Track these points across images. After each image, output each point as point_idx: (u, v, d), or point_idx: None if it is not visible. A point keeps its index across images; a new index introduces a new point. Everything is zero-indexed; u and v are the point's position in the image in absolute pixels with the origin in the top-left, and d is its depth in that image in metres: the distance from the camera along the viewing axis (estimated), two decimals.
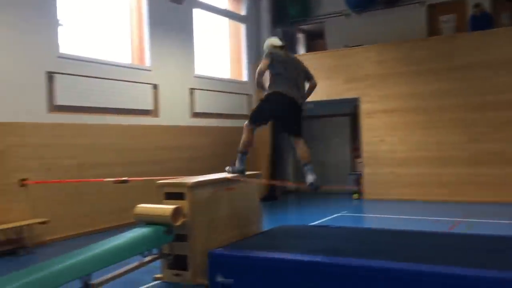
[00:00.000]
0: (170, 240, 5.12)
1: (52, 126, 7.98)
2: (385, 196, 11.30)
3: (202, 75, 11.51)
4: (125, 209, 8.71)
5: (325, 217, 9.32)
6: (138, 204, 5.42)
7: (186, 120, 10.93)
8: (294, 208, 12.24)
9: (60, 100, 8.14)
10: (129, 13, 9.96)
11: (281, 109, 5.57)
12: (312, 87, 6.04)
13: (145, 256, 5.14)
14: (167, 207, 5.11)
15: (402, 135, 11.43)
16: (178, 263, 5.31)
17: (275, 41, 5.89)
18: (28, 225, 7.30)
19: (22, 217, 7.39)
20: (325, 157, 13.57)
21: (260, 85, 5.73)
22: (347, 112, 13.07)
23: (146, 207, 5.27)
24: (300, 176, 13.06)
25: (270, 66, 5.63)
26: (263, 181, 11.93)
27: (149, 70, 9.97)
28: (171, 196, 5.39)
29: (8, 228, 7.11)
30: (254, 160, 12.91)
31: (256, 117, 5.84)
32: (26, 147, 7.58)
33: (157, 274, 5.52)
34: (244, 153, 5.86)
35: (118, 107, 9.18)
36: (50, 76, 8.07)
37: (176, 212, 5.07)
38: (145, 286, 5.37)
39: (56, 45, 8.24)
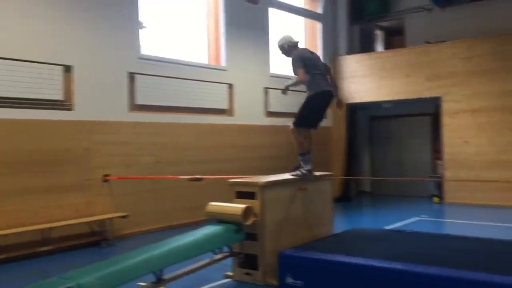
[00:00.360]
0: (240, 239, 5.15)
1: (132, 125, 8.35)
2: (469, 200, 10.64)
3: (277, 74, 11.50)
4: (199, 207, 8.91)
5: (402, 220, 8.95)
6: (211, 202, 5.51)
7: (260, 119, 10.98)
8: (369, 210, 11.90)
9: (140, 100, 8.50)
10: (206, 14, 10.18)
11: (327, 105, 5.93)
12: (334, 78, 6.45)
13: (216, 254, 5.22)
14: (238, 206, 5.15)
15: (489, 136, 10.71)
16: (248, 262, 5.34)
17: (292, 37, 5.97)
18: (110, 218, 7.68)
19: (105, 211, 7.79)
20: (402, 157, 13.07)
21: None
22: (428, 111, 12.47)
23: (217, 205, 5.34)
24: (378, 175, 12.79)
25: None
26: (336, 181, 11.75)
27: (225, 70, 10.12)
28: (242, 195, 5.43)
29: (92, 221, 7.53)
30: (328, 160, 12.73)
31: (310, 121, 5.90)
32: (108, 145, 7.98)
33: (228, 272, 5.58)
34: (307, 153, 5.84)
35: (194, 106, 9.41)
36: (132, 76, 8.44)
37: (247, 211, 5.08)
38: (216, 283, 5.43)
39: (138, 47, 8.60)
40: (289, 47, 5.87)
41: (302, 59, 5.71)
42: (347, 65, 12.93)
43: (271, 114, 11.23)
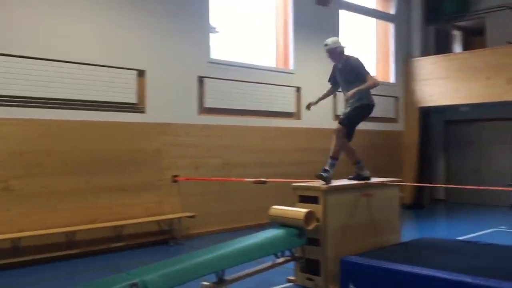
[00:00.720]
0: (302, 243, 5.10)
1: (201, 127, 8.56)
2: None
3: None
4: (265, 209, 8.95)
5: (478, 231, 8.45)
6: (275, 205, 5.51)
7: (328, 123, 10.80)
8: (442, 219, 11.36)
9: (208, 103, 8.69)
10: (275, 17, 10.22)
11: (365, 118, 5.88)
12: None
13: (278, 257, 5.21)
14: (300, 211, 5.10)
15: None
16: (310, 267, 5.28)
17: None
18: (178, 218, 7.92)
19: (173, 210, 8.05)
20: (481, 164, 12.36)
21: None
22: (510, 116, 11.69)
23: (279, 209, 5.33)
24: (453, 182, 12.17)
25: None
26: (408, 187, 11.33)
27: (293, 73, 10.11)
28: (305, 199, 5.38)
29: (161, 220, 7.81)
30: (399, 165, 12.31)
31: (353, 131, 5.79)
32: (178, 146, 8.24)
33: (290, 276, 5.55)
34: (337, 158, 5.70)
35: (262, 110, 9.48)
36: (201, 80, 8.66)
37: (309, 216, 5.03)
38: (278, 286, 5.42)
39: (207, 51, 8.81)
40: (340, 52, 5.66)
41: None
42: (421, 67, 12.44)
43: (339, 118, 11.04)
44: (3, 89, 6.48)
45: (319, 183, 5.49)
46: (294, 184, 5.63)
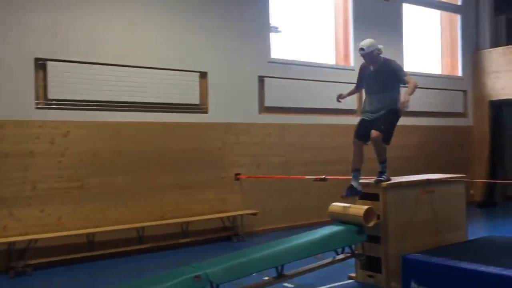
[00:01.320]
0: (362, 240, 5.09)
1: (262, 126, 8.71)
2: None
3: (411, 71, 11.03)
4: (325, 207, 8.95)
5: None
6: (335, 202, 5.53)
7: None
8: None
9: (269, 102, 8.83)
10: (334, 14, 10.17)
11: None
12: None
13: (338, 254, 5.24)
14: (360, 208, 5.10)
15: None
16: (371, 264, 5.25)
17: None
18: (241, 215, 8.12)
19: (236, 208, 8.27)
20: None
21: None
22: None
23: (339, 206, 5.34)
24: None
25: None
26: (479, 184, 10.86)
27: (353, 70, 9.98)
28: (365, 196, 5.36)
29: (225, 217, 8.04)
30: (468, 161, 11.84)
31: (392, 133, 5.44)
32: (240, 145, 8.44)
33: (351, 273, 5.56)
34: (386, 159, 5.45)
35: (322, 107, 9.47)
36: (261, 80, 8.81)
37: (369, 213, 5.01)
38: (339, 283, 5.45)
39: (268, 51, 8.95)
40: (378, 55, 5.29)
41: None
42: (491, 59, 11.88)
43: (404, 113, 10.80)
44: (79, 94, 6.97)
45: None
46: None
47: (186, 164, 7.85)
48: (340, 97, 5.78)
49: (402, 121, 11.01)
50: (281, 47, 9.33)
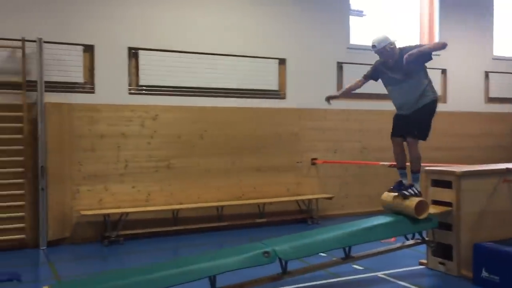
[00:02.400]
0: (432, 227, 5.08)
1: (339, 112, 8.76)
2: None
3: (502, 56, 10.48)
4: None
5: None
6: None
7: (479, 106, 10.21)
8: None
9: None
10: None
11: None
12: None
13: (408, 240, 5.28)
14: (413, 200, 4.95)
15: None
16: (442, 251, 5.24)
17: (389, 37, 5.03)
18: (316, 199, 8.31)
19: (312, 191, 8.47)
20: None
21: None
22: None
23: (390, 196, 5.23)
24: None
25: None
26: None
27: (438, 55, 9.66)
28: (438, 183, 5.33)
29: (300, 200, 8.28)
30: None
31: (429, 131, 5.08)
32: (317, 130, 8.60)
33: (422, 259, 5.57)
34: (420, 170, 5.14)
35: None
36: (340, 66, 8.87)
37: (420, 206, 4.90)
38: (410, 268, 5.49)
39: (347, 37, 8.97)
40: (392, 49, 4.94)
41: None
42: None
43: (492, 100, 10.32)
44: (166, 81, 7.51)
45: (454, 167, 5.37)
46: (427, 168, 5.59)
47: (264, 148, 8.17)
48: (330, 98, 5.52)
49: (488, 108, 10.59)
50: (362, 32, 9.29)
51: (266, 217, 7.95)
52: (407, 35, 9.79)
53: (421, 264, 5.56)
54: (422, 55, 4.77)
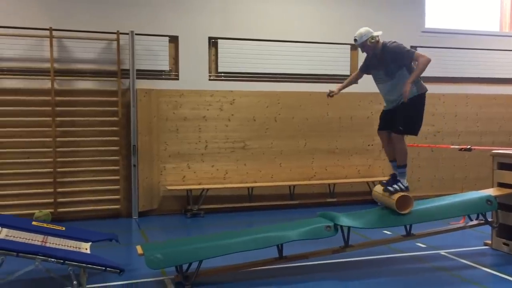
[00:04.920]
0: (493, 209, 5.19)
1: None
2: None
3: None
4: (476, 177, 8.90)
5: None
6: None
7: None
8: None
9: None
10: None
11: None
12: None
13: (471, 220, 5.43)
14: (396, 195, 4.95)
15: None
16: (507, 232, 5.33)
17: (372, 31, 4.91)
18: (379, 181, 8.48)
19: (382, 174, 8.65)
20: None
21: None
22: None
23: (380, 188, 5.26)
24: None
25: None
26: None
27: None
28: (505, 166, 5.40)
29: (371, 182, 8.51)
30: None
31: (420, 125, 5.02)
32: None
33: (487, 240, 5.69)
34: (406, 165, 5.08)
35: (482, 77, 9.18)
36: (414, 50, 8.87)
37: (402, 201, 4.91)
38: (473, 248, 5.63)
39: (422, 21, 8.95)
40: (374, 43, 4.88)
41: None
42: None
43: None
44: (242, 67, 8.05)
45: None
46: (494, 151, 5.66)
47: (335, 131, 8.49)
48: (330, 94, 5.48)
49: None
50: (436, 16, 9.21)
51: (337, 197, 8.31)
52: (487, 16, 9.54)
53: (485, 244, 5.67)
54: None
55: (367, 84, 8.59)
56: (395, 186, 4.99)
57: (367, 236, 5.58)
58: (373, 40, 4.85)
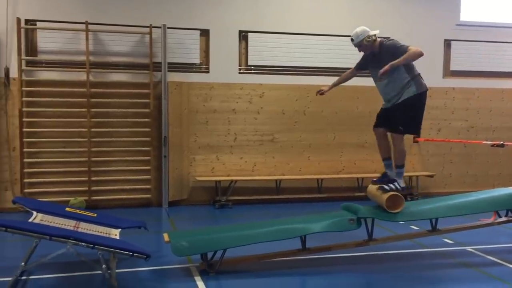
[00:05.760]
0: None
1: (445, 90, 8.70)
2: None
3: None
4: (509, 174, 8.69)
5: None
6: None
7: None
8: None
9: (454, 66, 8.73)
10: None
11: None
12: None
13: (500, 217, 5.35)
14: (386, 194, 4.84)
15: None
16: None
17: (369, 30, 4.78)
18: (416, 176, 8.42)
19: (412, 169, 8.58)
20: None
21: None
22: None
23: (374, 188, 5.14)
24: None
25: None
26: None
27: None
28: None
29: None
30: None
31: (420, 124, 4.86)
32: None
33: None
34: (404, 165, 4.95)
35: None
36: (448, 43, 8.73)
37: (392, 200, 4.80)
38: (502, 245, 5.56)
39: (457, 14, 8.76)
40: (370, 42, 4.80)
41: None
42: None
43: None
44: (272, 61, 8.10)
45: None
46: None
47: (365, 125, 8.37)
48: (320, 92, 5.41)
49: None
50: (472, 8, 8.99)
51: (364, 191, 8.25)
52: None
53: None
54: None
55: None
56: (391, 185, 4.92)
57: (392, 230, 5.56)
58: (369, 39, 4.80)
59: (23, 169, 7.19)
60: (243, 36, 8.05)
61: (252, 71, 8.12)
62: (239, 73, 8.07)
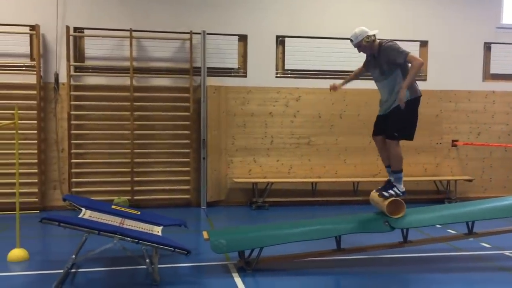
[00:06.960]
0: None
1: (485, 94, 8.59)
2: None
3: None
4: None
5: None
6: None
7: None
8: None
9: (494, 69, 8.61)
10: None
11: None
12: None
13: None
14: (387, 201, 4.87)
15: None
16: None
17: (367, 30, 4.74)
18: (455, 180, 8.34)
19: (450, 173, 8.51)
20: None
21: None
22: None
23: (375, 194, 5.15)
24: None
25: None
26: None
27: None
28: None
29: (438, 181, 8.39)
30: None
31: (414, 129, 4.87)
32: (459, 112, 8.56)
33: None
34: (402, 170, 4.89)
35: None
36: (488, 46, 8.63)
37: (393, 206, 4.84)
38: None
39: (498, 17, 8.65)
40: (370, 43, 4.78)
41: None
42: None
43: None
44: (308, 65, 8.23)
45: None
46: None
47: None
48: (332, 88, 5.30)
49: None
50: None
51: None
52: None
53: None
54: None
55: (436, 81, 8.52)
56: (390, 191, 4.93)
57: (428, 233, 5.58)
58: (368, 40, 4.79)
59: (71, 169, 7.58)
60: (280, 40, 8.21)
61: (289, 75, 8.26)
62: (276, 77, 8.23)
